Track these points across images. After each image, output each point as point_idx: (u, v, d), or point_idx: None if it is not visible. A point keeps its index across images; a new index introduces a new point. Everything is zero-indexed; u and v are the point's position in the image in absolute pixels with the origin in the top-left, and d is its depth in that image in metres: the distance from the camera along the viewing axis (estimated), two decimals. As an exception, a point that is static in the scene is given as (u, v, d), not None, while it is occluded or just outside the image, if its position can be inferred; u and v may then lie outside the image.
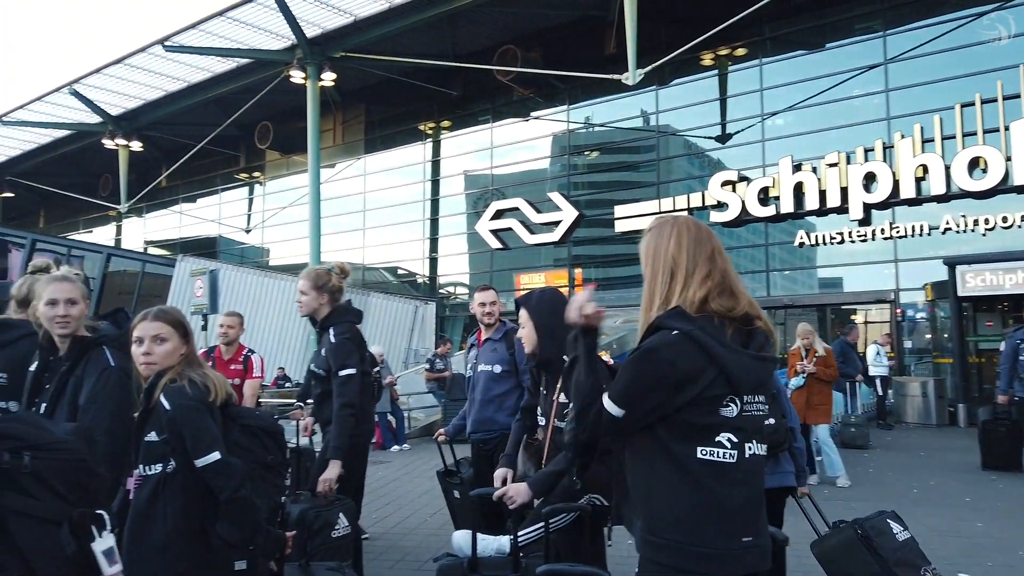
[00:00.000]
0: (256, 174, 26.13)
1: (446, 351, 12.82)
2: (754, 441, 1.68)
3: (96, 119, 22.50)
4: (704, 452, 1.61)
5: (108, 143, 22.85)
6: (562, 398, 2.85)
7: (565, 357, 2.87)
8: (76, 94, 20.93)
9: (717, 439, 1.62)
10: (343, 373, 3.52)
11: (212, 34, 17.81)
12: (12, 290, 3.43)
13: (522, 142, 20.58)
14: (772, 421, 2.56)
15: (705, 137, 17.61)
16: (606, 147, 19.72)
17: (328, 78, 18.32)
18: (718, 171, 16.90)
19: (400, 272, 23.42)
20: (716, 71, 17.47)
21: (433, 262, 22.25)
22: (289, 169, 24.88)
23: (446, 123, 22.15)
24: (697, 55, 16.66)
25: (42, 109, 22.27)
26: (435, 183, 22.24)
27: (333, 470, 3.44)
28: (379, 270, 23.36)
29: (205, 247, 26.28)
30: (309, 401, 5.87)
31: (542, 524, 2.51)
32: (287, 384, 14.72)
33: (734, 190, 16.36)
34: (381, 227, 22.97)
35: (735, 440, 1.63)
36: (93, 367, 2.79)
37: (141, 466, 2.36)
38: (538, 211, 19.51)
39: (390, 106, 22.66)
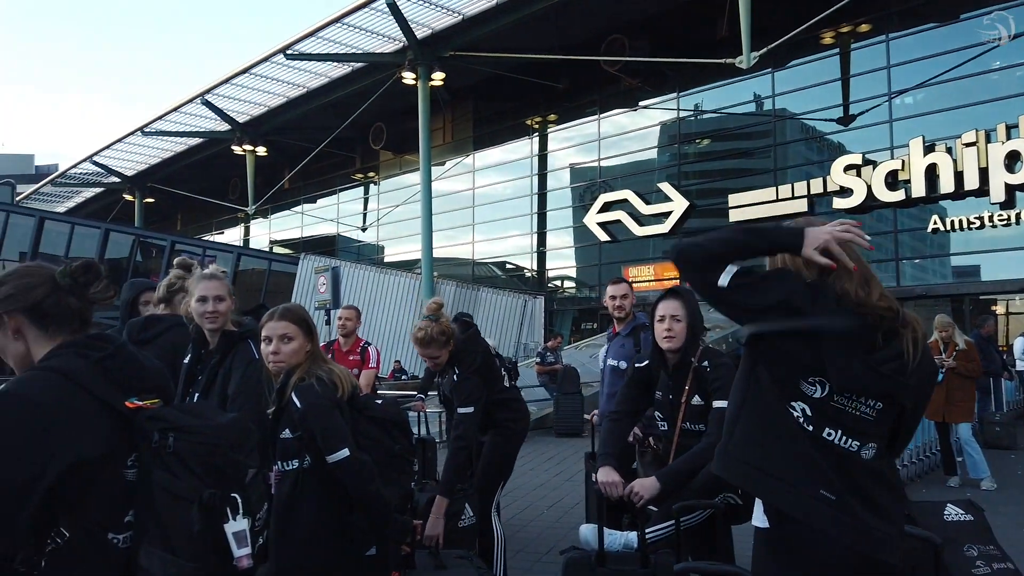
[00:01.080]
0: (371, 174, 27.09)
1: (556, 345, 12.85)
2: (839, 432, 1.61)
3: (225, 127, 23.98)
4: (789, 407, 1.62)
5: (236, 149, 24.31)
6: (695, 400, 2.79)
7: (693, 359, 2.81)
8: (207, 104, 22.38)
9: (793, 403, 1.61)
10: (462, 411, 3.56)
11: (329, 40, 18.58)
12: (160, 289, 3.72)
13: (630, 133, 20.30)
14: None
15: (825, 120, 16.75)
16: (718, 134, 19.14)
17: (437, 77, 18.72)
18: (840, 155, 16.04)
19: (508, 267, 23.67)
20: (837, 50, 16.57)
21: (541, 256, 22.34)
22: (402, 168, 25.64)
23: (552, 117, 22.16)
24: (816, 34, 15.85)
25: (177, 119, 23.96)
26: (542, 177, 22.31)
27: (437, 517, 3.34)
28: (488, 265, 23.72)
29: (325, 245, 27.52)
30: (432, 392, 6.08)
31: (672, 522, 2.48)
32: (403, 377, 15.19)
33: (859, 175, 15.48)
34: (489, 222, 23.29)
35: (809, 415, 1.60)
36: (240, 359, 2.98)
37: (279, 462, 2.49)
38: (647, 202, 19.20)
39: (497, 102, 22.90)
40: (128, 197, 29.65)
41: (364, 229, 27.20)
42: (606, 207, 19.97)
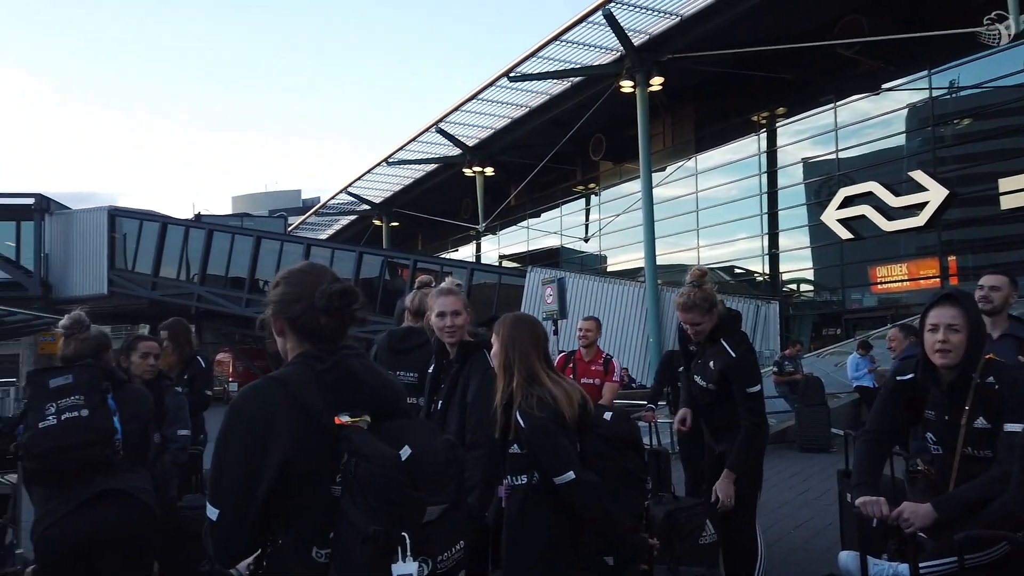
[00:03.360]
0: (591, 185, 27.39)
1: (795, 352, 12.00)
2: None
3: (457, 151, 25.60)
4: None
5: (467, 171, 25.84)
6: (978, 422, 2.38)
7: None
8: (441, 131, 24.06)
9: None
10: (750, 390, 3.38)
11: (549, 59, 19.11)
12: (406, 302, 4.00)
13: (872, 119, 18.47)
14: None
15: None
16: (981, 112, 16.76)
17: (656, 82, 18.45)
18: None
19: (737, 271, 22.61)
20: None
21: (773, 258, 21.06)
22: (622, 177, 25.61)
23: (781, 110, 20.84)
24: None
25: (415, 148, 26.01)
26: (772, 175, 21.05)
27: (726, 480, 3.33)
28: (715, 270, 22.81)
29: (550, 257, 28.27)
30: (662, 403, 5.93)
31: (955, 558, 2.13)
32: (632, 385, 15.07)
33: None
34: (715, 226, 22.43)
35: None
36: (476, 369, 3.10)
37: (509, 476, 2.52)
38: (896, 194, 17.30)
39: (719, 101, 22.05)
40: (377, 222, 32.72)
41: (587, 240, 27.52)
42: (847, 202, 18.32)
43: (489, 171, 25.96)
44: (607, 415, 2.50)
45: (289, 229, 36.48)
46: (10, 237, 31.28)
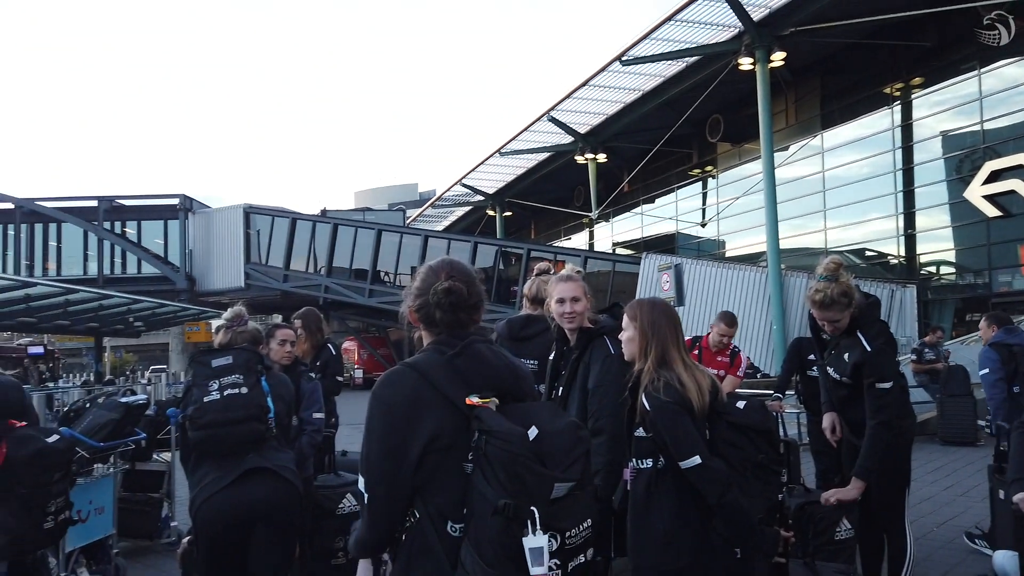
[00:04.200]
0: (708, 168, 26.57)
1: (936, 339, 11.18)
2: None
3: (569, 139, 25.52)
4: None
5: (579, 159, 25.71)
6: None
7: None
8: (553, 120, 24.05)
9: None
10: (880, 386, 3.19)
11: (662, 40, 18.64)
12: (524, 289, 4.03)
13: (1022, 86, 16.85)
14: None
15: None
16: None
17: (777, 58, 17.61)
18: None
19: (868, 254, 21.30)
20: None
21: (909, 239, 19.68)
22: (741, 158, 24.68)
23: (917, 80, 19.37)
24: None
25: (528, 138, 26.13)
26: (907, 150, 19.64)
27: (853, 491, 3.14)
28: (843, 253, 21.58)
29: (664, 244, 27.69)
30: (789, 392, 5.69)
31: None
32: (757, 375, 14.56)
33: None
34: (844, 206, 21.20)
35: None
36: (597, 355, 3.09)
37: (634, 459, 2.50)
38: (1051, 166, 15.74)
39: (848, 74, 20.78)
40: (490, 212, 33.19)
41: (704, 224, 26.75)
42: (993, 177, 16.83)
43: (602, 158, 25.71)
44: (740, 403, 2.43)
45: (407, 221, 37.66)
46: (159, 235, 34.07)
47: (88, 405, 5.68)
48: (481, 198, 32.99)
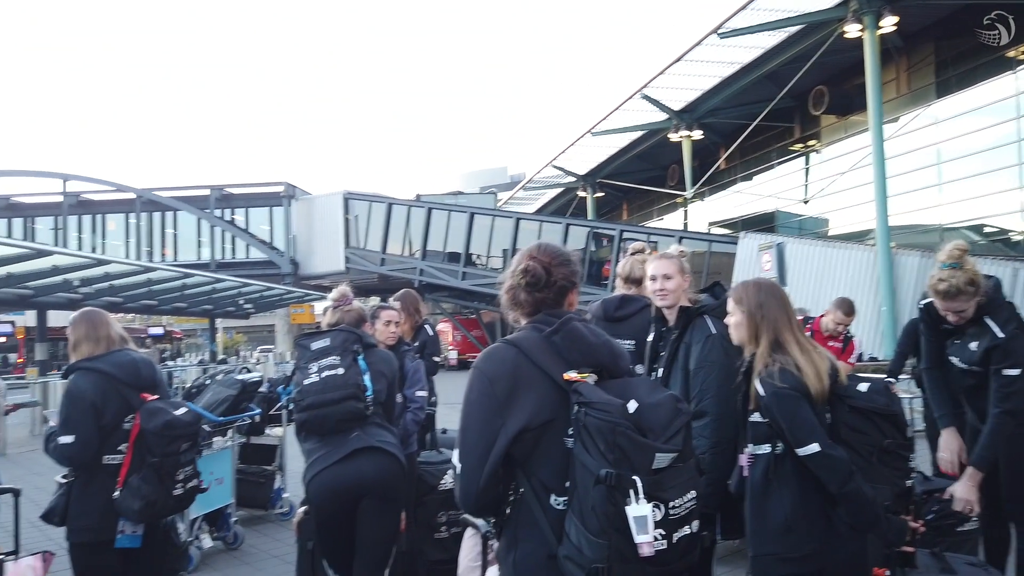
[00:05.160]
0: (811, 142, 25.41)
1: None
2: None
3: (662, 116, 24.97)
4: None
5: (673, 136, 25.13)
6: None
7: None
8: (646, 97, 23.58)
9: None
10: (1008, 373, 2.99)
11: (762, 10, 17.90)
12: (618, 269, 3.99)
13: None
14: None
15: None
16: None
17: (888, 23, 16.60)
18: None
19: (987, 230, 19.87)
20: None
21: (1035, 214, 18.24)
22: (847, 131, 23.46)
23: (1044, 41, 17.83)
24: None
25: (620, 117, 25.72)
26: (1031, 118, 18.16)
27: (968, 485, 2.99)
28: (960, 229, 20.23)
29: (763, 222, 26.75)
30: (903, 375, 5.42)
31: None
32: (865, 359, 13.91)
33: None
34: (961, 180, 19.82)
35: None
36: (698, 335, 3.04)
37: (751, 444, 2.44)
38: None
39: (967, 38, 19.34)
40: (581, 194, 32.97)
41: (806, 201, 25.65)
42: None
43: (697, 134, 25.04)
44: (862, 386, 2.32)
45: (498, 204, 37.91)
46: (264, 221, 35.72)
47: (208, 382, 6.06)
48: (572, 179, 32.80)
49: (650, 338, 3.29)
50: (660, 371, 3.13)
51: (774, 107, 20.98)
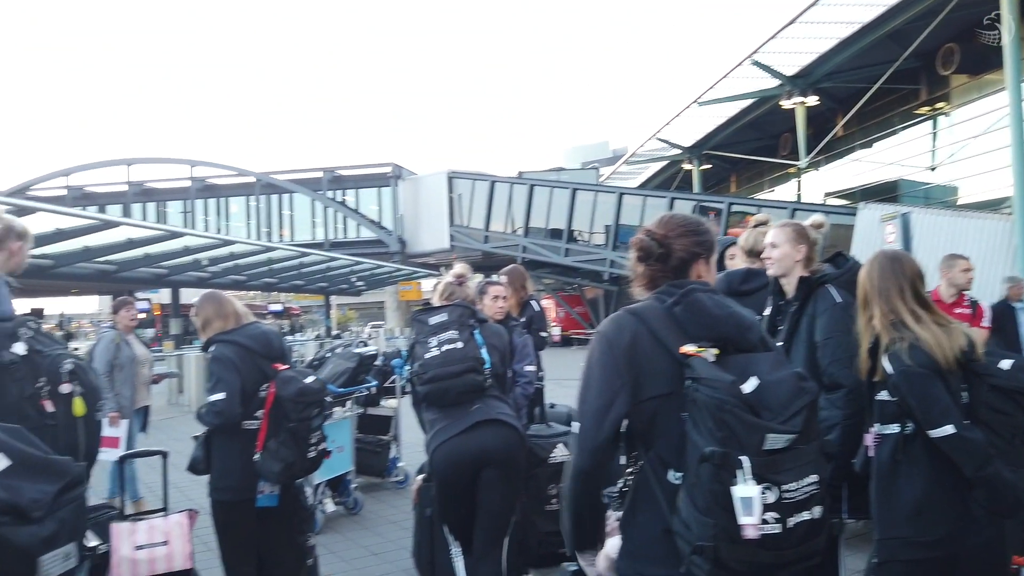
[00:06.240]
0: (939, 105, 23.65)
1: None
2: None
3: (774, 83, 23.88)
4: None
5: (785, 103, 24.00)
6: None
7: None
8: (757, 63, 22.59)
9: None
10: None
11: (884, -36, 16.76)
12: (740, 242, 3.89)
13: None
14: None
15: None
16: None
17: (1030, -30, 15.15)
18: None
19: None
20: None
21: None
22: (981, 92, 21.66)
23: None
24: None
25: (728, 85, 24.78)
26: None
27: None
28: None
29: (885, 192, 25.19)
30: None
31: None
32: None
33: None
34: (1115, 141, 17.96)
35: None
36: (822, 305, 2.93)
37: (877, 424, 2.33)
38: None
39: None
40: (686, 166, 32.12)
41: (933, 168, 23.95)
42: None
43: (812, 101, 23.80)
44: (1004, 363, 2.18)
45: (600, 179, 37.51)
46: (373, 201, 36.91)
47: (328, 355, 6.38)
48: (677, 152, 31.98)
49: (767, 312, 3.20)
50: (779, 345, 3.04)
51: (897, 69, 19.65)
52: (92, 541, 3.01)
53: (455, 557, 3.38)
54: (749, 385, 1.59)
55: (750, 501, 1.47)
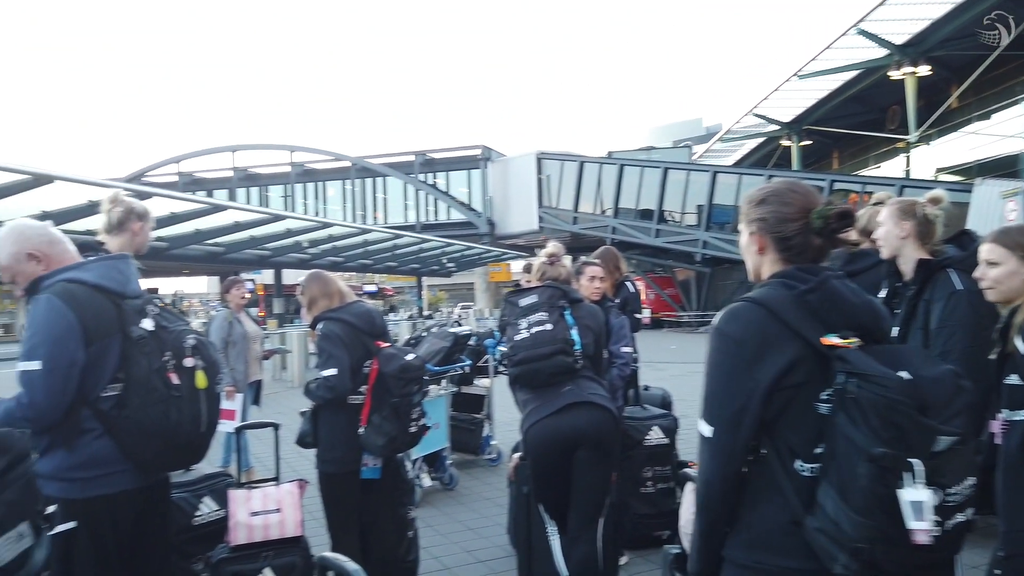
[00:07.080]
0: (1068, 71, 21.80)
1: None
2: None
3: (881, 52, 22.59)
4: None
5: (894, 74, 22.69)
6: None
7: None
8: (863, 32, 21.41)
9: None
10: None
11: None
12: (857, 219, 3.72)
13: None
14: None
15: None
16: None
17: None
18: None
19: None
20: None
21: None
22: (1117, 55, 19.85)
23: None
24: None
25: (830, 56, 23.60)
26: None
27: None
28: None
29: (1005, 167, 23.46)
30: None
31: None
32: None
33: None
34: None
35: None
36: (941, 291, 2.77)
37: (1005, 410, 2.20)
38: None
39: None
40: (785, 143, 30.89)
41: (1065, 140, 22.12)
42: None
43: (923, 70, 22.39)
44: None
45: (693, 158, 36.60)
46: (463, 184, 37.38)
47: (424, 335, 6.53)
48: (775, 127, 30.79)
49: (882, 294, 3.05)
50: (896, 330, 2.90)
51: (1021, 32, 18.16)
52: (206, 507, 3.21)
53: (551, 536, 3.40)
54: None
55: (921, 505, 1.41)
